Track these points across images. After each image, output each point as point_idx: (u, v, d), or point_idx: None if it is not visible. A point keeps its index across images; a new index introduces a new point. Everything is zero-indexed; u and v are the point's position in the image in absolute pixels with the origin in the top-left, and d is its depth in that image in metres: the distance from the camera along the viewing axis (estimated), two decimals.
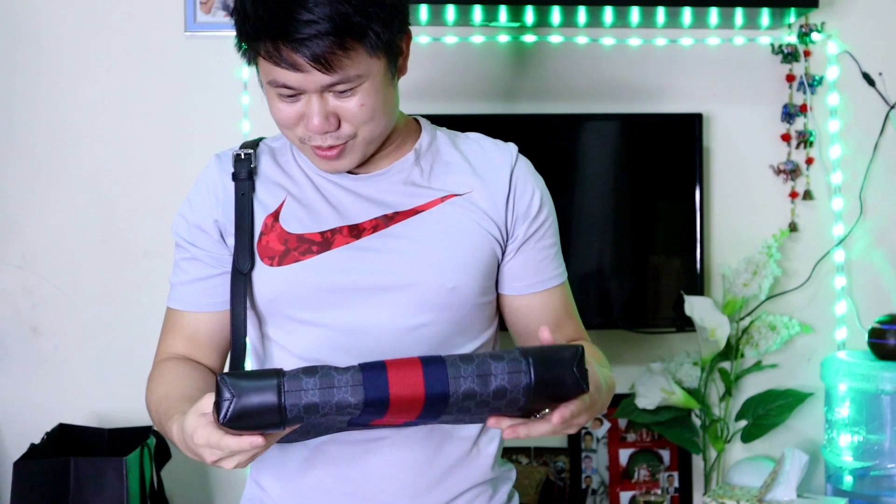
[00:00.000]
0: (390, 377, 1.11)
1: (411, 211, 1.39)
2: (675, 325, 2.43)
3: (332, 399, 1.11)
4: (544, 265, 1.46)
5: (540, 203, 1.45)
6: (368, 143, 1.36)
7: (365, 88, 1.30)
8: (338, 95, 1.30)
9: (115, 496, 1.99)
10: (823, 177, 2.50)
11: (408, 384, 1.11)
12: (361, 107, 1.31)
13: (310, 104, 1.30)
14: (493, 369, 1.13)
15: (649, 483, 2.34)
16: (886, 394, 2.27)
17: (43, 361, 2.42)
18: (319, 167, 1.39)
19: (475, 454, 1.43)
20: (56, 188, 2.42)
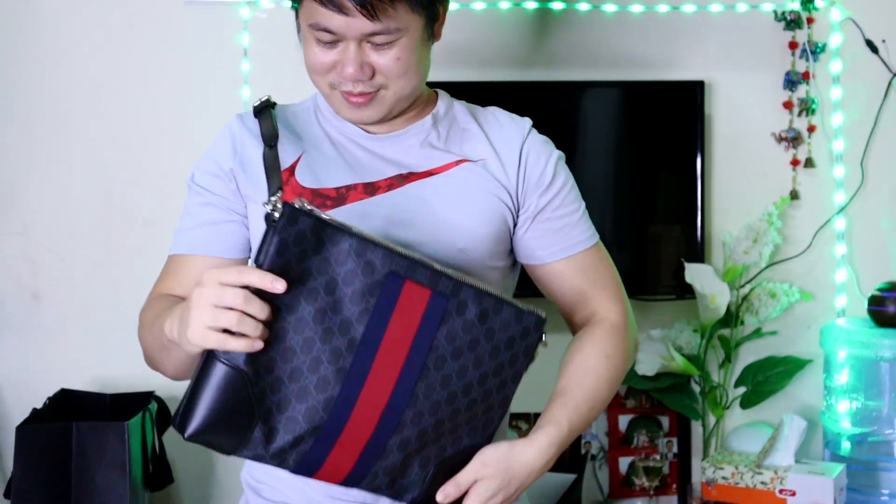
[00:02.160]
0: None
1: (426, 172, 1.40)
2: (676, 292, 2.43)
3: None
4: (563, 233, 1.45)
5: (553, 174, 1.45)
6: (398, 99, 1.37)
7: (403, 43, 1.32)
8: (375, 47, 1.32)
9: (117, 460, 2.01)
10: (825, 144, 2.50)
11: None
12: (397, 60, 1.33)
13: (347, 51, 1.32)
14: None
15: (648, 449, 2.36)
16: (885, 361, 2.28)
17: (44, 328, 2.43)
18: (345, 116, 1.39)
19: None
20: (57, 156, 2.42)
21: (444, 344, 1.22)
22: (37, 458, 2.00)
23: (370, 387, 1.19)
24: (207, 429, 1.15)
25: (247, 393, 1.14)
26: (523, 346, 1.29)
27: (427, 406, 1.22)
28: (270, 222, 1.14)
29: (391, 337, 1.19)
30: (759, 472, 2.18)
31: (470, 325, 1.23)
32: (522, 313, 1.29)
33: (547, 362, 1.46)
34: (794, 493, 2.15)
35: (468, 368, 1.24)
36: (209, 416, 1.14)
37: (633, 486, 2.49)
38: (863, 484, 2.30)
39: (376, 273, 1.17)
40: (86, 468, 2.00)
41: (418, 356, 1.20)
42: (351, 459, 1.21)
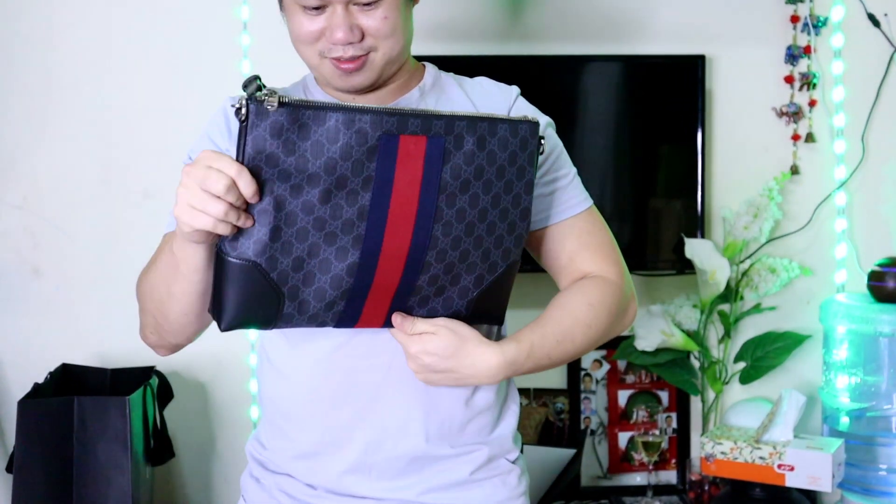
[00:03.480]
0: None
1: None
2: (676, 267, 2.44)
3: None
4: (554, 198, 1.44)
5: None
6: (387, 61, 1.37)
7: (388, 2, 1.33)
8: (362, 9, 1.33)
9: (119, 435, 2.01)
10: (826, 119, 2.49)
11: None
12: (385, 20, 1.34)
13: (334, 16, 1.32)
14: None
15: (648, 424, 2.36)
16: (884, 336, 2.28)
17: (45, 302, 2.43)
18: (336, 84, 1.39)
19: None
20: (56, 129, 2.41)
21: (450, 181, 1.24)
22: (38, 432, 2.01)
23: (389, 245, 1.23)
24: (238, 319, 1.22)
25: (265, 280, 1.20)
26: (526, 157, 1.31)
27: (448, 243, 1.26)
28: (240, 121, 1.17)
29: (399, 193, 1.22)
30: (757, 447, 2.19)
31: (471, 155, 1.26)
32: (517, 124, 1.30)
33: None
34: (792, 468, 2.16)
35: (479, 196, 1.27)
36: (237, 309, 1.21)
37: (633, 461, 2.50)
38: (861, 459, 2.31)
39: (369, 138, 1.19)
40: (87, 443, 2.00)
41: (429, 202, 1.24)
42: (385, 305, 1.28)
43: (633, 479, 2.50)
